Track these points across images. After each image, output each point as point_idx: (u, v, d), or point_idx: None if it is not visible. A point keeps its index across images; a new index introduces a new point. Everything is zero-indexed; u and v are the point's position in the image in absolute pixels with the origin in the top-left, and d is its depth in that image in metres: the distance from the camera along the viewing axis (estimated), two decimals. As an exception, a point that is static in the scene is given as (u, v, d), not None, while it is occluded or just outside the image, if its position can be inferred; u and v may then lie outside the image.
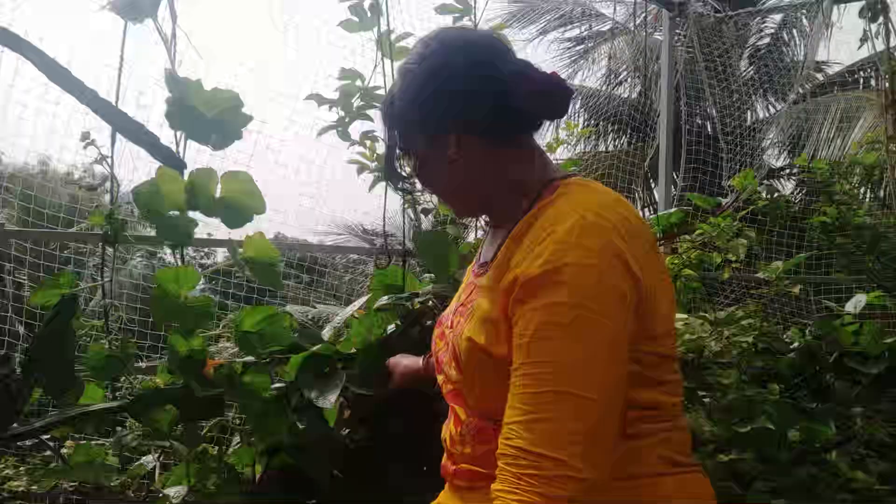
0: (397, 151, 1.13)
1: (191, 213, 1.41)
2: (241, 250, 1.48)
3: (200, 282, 1.45)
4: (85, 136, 1.68)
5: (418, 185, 1.20)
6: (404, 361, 1.51)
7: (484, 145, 1.04)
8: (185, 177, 1.36)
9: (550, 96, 1.04)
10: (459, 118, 1.03)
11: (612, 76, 9.71)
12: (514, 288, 0.91)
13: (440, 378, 1.12)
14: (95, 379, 1.53)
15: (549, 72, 1.05)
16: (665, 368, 0.98)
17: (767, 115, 9.36)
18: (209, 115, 1.35)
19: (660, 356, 0.97)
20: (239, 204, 1.41)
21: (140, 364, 2.25)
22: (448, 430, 1.10)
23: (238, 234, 1.49)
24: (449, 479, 1.08)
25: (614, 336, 0.87)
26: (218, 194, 1.40)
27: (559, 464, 0.82)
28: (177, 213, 1.38)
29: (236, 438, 1.60)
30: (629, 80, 9.92)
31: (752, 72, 8.43)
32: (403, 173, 1.16)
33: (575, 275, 0.87)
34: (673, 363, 1.00)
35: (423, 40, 1.09)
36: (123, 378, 1.68)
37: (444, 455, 1.11)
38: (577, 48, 10.21)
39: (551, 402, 0.84)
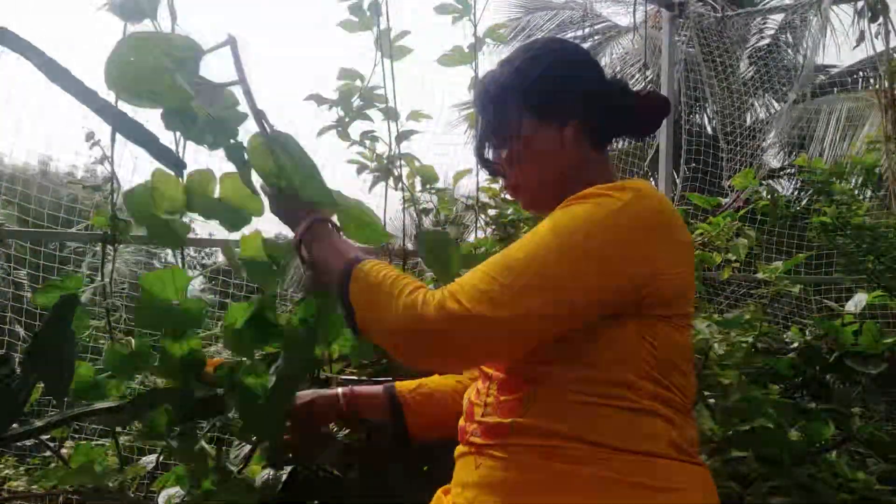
0: (494, 132, 1.16)
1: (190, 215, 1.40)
2: (238, 251, 1.46)
3: (199, 282, 1.44)
4: (90, 136, 1.68)
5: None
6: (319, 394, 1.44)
7: (586, 142, 1.11)
8: (185, 177, 1.35)
9: (657, 112, 1.15)
10: (579, 110, 1.09)
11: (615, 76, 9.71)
12: None
13: None
14: (119, 377, 1.52)
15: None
16: (687, 365, 1.04)
17: (767, 115, 9.34)
18: (205, 114, 1.33)
19: (686, 349, 1.03)
20: (238, 205, 1.40)
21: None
22: (474, 388, 1.13)
23: (238, 233, 1.48)
24: (465, 440, 1.09)
25: (588, 264, 0.94)
26: (216, 195, 1.39)
27: (454, 297, 0.91)
28: (172, 216, 1.36)
29: (240, 442, 1.59)
30: (629, 79, 9.91)
31: (752, 72, 8.42)
32: (489, 156, 1.20)
33: (591, 208, 0.96)
34: (691, 363, 1.05)
35: (534, 40, 1.18)
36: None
37: (463, 417, 1.13)
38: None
39: (494, 271, 0.93)
